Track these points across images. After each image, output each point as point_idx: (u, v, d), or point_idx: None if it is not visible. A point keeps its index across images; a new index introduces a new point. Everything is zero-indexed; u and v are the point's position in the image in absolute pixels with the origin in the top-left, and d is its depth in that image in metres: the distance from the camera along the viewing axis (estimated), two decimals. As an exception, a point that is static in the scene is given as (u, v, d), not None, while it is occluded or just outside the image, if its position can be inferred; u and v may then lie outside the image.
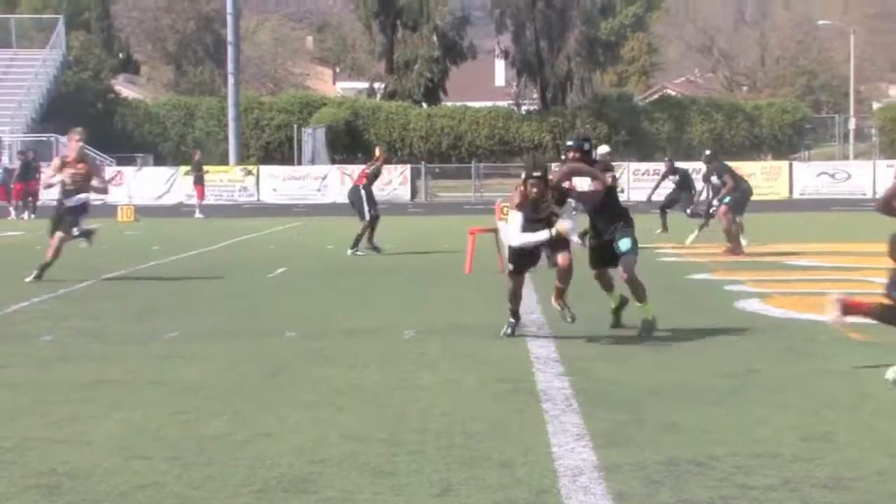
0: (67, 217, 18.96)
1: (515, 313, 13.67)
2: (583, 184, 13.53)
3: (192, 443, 8.53)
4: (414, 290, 19.40)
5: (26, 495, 7.18)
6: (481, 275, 20.80)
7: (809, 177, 61.13)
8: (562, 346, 12.70)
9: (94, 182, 19.36)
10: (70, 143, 19.48)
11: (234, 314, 16.39)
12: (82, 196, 18.93)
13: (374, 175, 27.23)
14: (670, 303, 16.02)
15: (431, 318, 15.53)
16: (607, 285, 14.07)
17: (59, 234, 18.98)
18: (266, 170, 63.78)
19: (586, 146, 14.03)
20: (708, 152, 28.76)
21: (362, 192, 26.53)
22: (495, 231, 24.73)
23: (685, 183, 30.30)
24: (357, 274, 22.19)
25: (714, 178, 26.08)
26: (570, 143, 14.16)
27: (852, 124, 74.02)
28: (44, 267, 19.31)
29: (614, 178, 14.05)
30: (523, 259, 13.39)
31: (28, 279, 19.04)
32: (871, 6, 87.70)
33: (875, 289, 19.01)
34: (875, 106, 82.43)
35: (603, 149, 27.13)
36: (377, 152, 28.84)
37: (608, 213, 13.81)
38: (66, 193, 18.96)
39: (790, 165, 61.25)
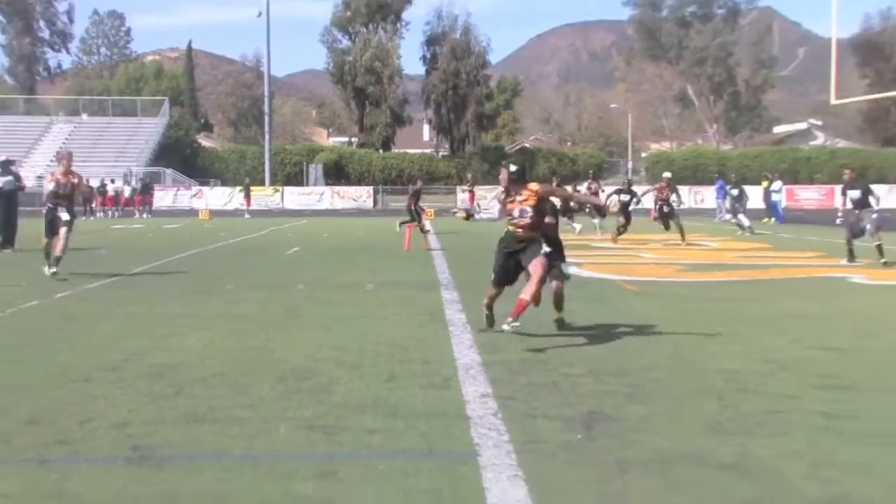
0: (59, 222, 14.74)
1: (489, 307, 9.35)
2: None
3: (241, 351, 8.49)
4: (373, 260, 19.31)
5: (142, 380, 7.15)
6: (414, 252, 20.77)
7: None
8: (462, 294, 12.70)
9: (75, 188, 15.62)
10: (62, 163, 15.43)
11: (267, 274, 16.26)
12: (67, 216, 14.80)
13: (416, 196, 26.51)
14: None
15: (383, 277, 15.49)
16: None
17: (63, 231, 14.76)
18: (287, 189, 63.37)
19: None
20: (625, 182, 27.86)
21: (413, 207, 26.18)
22: (422, 226, 24.74)
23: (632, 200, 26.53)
24: (340, 251, 22.06)
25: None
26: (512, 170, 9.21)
27: (630, 165, 74.61)
28: (58, 260, 14.76)
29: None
30: (501, 274, 9.13)
31: (48, 271, 14.67)
32: (640, 97, 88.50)
33: (639, 260, 19.20)
34: (643, 154, 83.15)
35: (666, 174, 26.08)
36: (418, 183, 28.31)
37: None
38: (58, 202, 14.87)
39: (594, 190, 61.74)
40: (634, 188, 26.89)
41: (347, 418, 5.98)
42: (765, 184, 39.87)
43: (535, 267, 8.79)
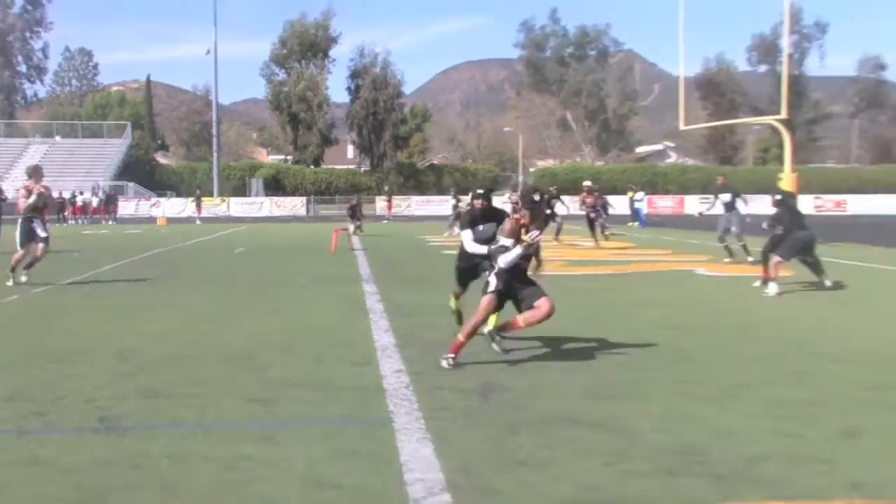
0: (36, 233, 13.17)
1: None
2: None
3: (196, 335, 8.36)
4: (305, 259, 19.15)
5: (109, 360, 7.01)
6: (340, 253, 20.57)
7: (504, 205, 61.79)
8: (380, 288, 12.69)
9: (49, 198, 13.87)
10: (34, 176, 13.47)
11: (216, 271, 16.01)
12: (44, 233, 13.23)
13: (353, 209, 25.11)
14: (444, 266, 16.05)
15: (315, 273, 15.34)
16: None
17: (41, 245, 13.19)
18: (233, 199, 62.28)
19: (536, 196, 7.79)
20: (552, 189, 26.62)
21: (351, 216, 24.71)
22: (347, 230, 24.45)
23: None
24: (278, 251, 21.82)
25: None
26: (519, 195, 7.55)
27: (521, 178, 75.17)
28: (30, 265, 13.32)
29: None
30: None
31: (23, 280, 13.12)
32: (529, 122, 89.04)
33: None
34: (531, 169, 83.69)
35: (587, 183, 24.07)
36: (355, 198, 26.99)
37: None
38: (34, 215, 13.28)
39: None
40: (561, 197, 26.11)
41: (283, 392, 5.95)
42: (630, 194, 40.75)
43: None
